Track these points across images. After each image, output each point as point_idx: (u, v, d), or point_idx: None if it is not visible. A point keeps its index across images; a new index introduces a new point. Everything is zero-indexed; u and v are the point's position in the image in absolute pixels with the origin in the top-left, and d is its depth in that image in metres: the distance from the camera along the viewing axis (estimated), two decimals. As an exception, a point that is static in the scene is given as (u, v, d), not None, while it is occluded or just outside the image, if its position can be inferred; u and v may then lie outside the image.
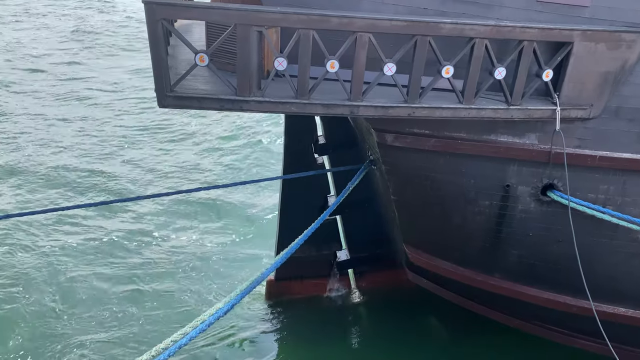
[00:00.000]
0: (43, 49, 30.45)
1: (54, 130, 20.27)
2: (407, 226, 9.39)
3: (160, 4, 6.25)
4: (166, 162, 18.14)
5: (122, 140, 19.71)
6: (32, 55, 29.11)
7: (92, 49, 31.18)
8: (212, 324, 6.80)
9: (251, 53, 6.60)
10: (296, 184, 11.42)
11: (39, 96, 23.58)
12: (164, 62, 6.53)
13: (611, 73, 7.66)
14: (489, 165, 8.27)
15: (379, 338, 11.52)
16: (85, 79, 26.07)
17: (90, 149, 18.81)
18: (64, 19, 38.00)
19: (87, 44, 32.18)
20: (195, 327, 6.63)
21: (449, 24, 6.84)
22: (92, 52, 30.75)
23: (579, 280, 8.25)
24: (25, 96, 23.56)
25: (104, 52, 30.84)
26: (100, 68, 27.87)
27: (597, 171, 8.19)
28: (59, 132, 20.06)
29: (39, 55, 29.27)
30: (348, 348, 11.45)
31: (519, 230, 8.70)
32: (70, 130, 20.26)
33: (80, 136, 19.80)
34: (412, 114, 7.24)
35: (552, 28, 7.19)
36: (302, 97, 6.94)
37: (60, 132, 20.06)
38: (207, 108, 6.96)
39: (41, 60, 28.43)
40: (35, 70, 26.74)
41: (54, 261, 12.89)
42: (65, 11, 40.20)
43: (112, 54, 30.73)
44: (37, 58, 28.70)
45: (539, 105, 7.66)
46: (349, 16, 6.60)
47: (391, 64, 6.88)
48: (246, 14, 6.40)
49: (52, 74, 26.32)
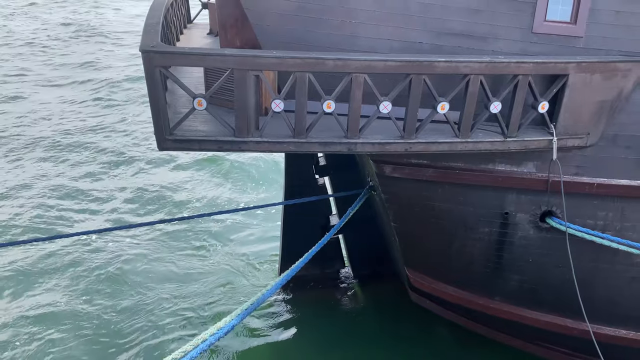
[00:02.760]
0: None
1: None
2: (408, 251, 9.46)
3: (158, 52, 6.34)
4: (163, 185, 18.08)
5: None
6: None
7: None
8: (212, 344, 6.76)
9: (248, 96, 6.68)
10: (298, 204, 11.51)
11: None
12: (162, 108, 6.61)
13: (607, 102, 7.70)
14: (488, 194, 8.33)
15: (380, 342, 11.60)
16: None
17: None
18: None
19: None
20: (196, 345, 6.62)
21: (443, 62, 6.90)
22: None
23: (578, 304, 8.31)
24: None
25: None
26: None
27: (596, 198, 8.24)
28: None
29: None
30: (348, 352, 11.52)
31: (518, 256, 8.76)
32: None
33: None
34: (409, 150, 7.31)
35: (547, 62, 7.24)
36: (300, 137, 7.02)
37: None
38: (206, 150, 7.05)
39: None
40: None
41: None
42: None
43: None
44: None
45: (535, 135, 7.71)
46: (344, 58, 6.67)
47: (387, 102, 6.95)
48: (243, 59, 6.48)
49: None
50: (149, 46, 6.34)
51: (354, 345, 11.55)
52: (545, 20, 7.44)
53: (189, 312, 12.25)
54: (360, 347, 11.55)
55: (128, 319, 11.92)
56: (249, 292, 12.66)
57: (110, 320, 11.81)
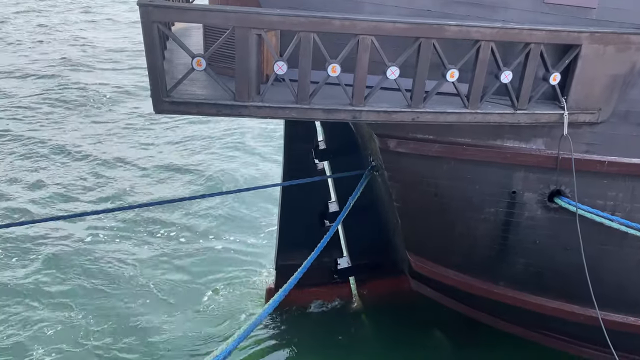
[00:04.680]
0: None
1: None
2: (410, 233, 9.17)
3: (156, 6, 6.04)
4: (158, 164, 17.92)
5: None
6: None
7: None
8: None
9: (250, 57, 6.39)
10: (296, 190, 11.20)
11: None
12: (159, 67, 6.30)
13: (620, 76, 7.46)
14: (495, 171, 8.06)
15: (380, 346, 11.32)
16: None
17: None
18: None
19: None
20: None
21: (454, 26, 6.64)
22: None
23: (586, 289, 8.03)
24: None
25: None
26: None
27: (606, 177, 7.98)
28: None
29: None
30: (348, 356, 11.22)
31: (525, 237, 8.49)
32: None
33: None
34: (416, 119, 7.03)
35: (560, 30, 6.99)
36: (303, 102, 6.72)
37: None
38: (204, 114, 6.74)
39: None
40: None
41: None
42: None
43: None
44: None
45: (546, 109, 7.46)
46: (351, 18, 6.39)
47: (394, 68, 6.67)
48: (245, 16, 6.19)
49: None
50: (147, 0, 6.05)
51: (353, 351, 11.28)
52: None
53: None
54: (359, 352, 11.28)
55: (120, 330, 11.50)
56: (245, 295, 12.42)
57: (99, 329, 11.44)
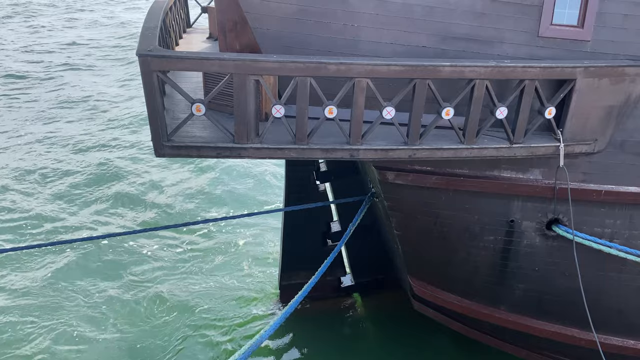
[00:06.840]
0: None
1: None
2: (411, 259, 9.27)
3: (155, 56, 6.17)
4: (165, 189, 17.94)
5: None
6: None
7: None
8: None
9: (248, 101, 6.51)
10: (299, 211, 11.33)
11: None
12: (160, 113, 6.44)
13: (615, 107, 7.53)
14: (493, 201, 8.14)
15: (382, 350, 11.45)
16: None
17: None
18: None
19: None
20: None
21: (448, 67, 6.72)
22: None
23: (586, 314, 8.12)
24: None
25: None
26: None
27: (603, 205, 8.05)
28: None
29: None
30: (349, 357, 11.37)
31: (524, 264, 8.57)
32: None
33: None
34: (413, 156, 7.13)
35: (554, 66, 7.06)
36: (301, 143, 6.84)
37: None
38: (205, 156, 6.87)
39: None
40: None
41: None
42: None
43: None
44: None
45: (542, 142, 7.53)
46: (347, 63, 6.49)
47: (390, 108, 6.78)
48: (242, 64, 6.30)
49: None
50: (146, 50, 6.18)
51: (354, 352, 11.39)
52: (551, 23, 7.26)
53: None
54: (360, 353, 11.39)
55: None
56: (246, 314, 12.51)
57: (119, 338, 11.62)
